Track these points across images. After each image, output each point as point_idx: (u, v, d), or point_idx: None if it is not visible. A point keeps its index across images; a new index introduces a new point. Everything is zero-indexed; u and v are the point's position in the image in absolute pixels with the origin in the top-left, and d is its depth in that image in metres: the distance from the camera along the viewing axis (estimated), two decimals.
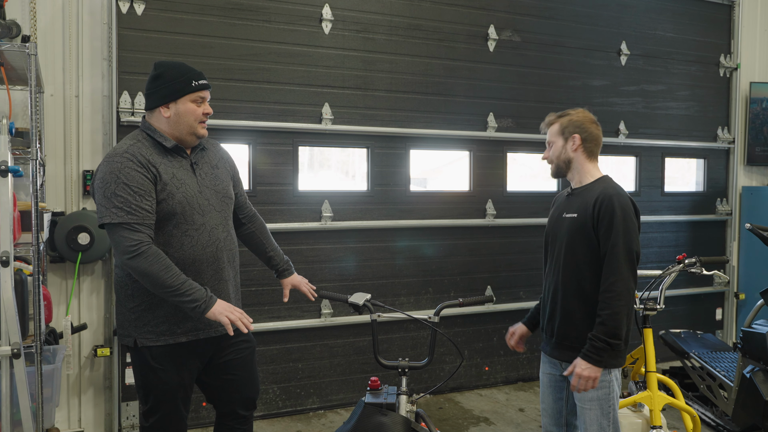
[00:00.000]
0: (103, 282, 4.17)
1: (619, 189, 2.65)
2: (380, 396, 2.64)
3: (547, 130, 2.81)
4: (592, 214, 2.59)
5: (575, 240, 2.65)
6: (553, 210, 2.92)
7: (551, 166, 2.81)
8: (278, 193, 4.56)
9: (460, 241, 5.15)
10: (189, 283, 2.42)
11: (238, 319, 2.46)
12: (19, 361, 2.76)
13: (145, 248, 2.39)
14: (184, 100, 2.56)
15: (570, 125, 2.72)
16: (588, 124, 2.74)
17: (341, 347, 4.79)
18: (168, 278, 2.39)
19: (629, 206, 2.60)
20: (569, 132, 2.72)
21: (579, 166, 2.74)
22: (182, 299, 2.41)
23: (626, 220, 2.55)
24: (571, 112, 2.77)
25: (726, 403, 4.18)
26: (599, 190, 2.63)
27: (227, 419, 2.82)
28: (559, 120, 2.76)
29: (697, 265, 3.62)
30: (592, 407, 2.59)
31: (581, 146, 2.72)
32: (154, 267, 2.38)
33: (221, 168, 2.75)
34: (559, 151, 2.75)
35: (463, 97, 5.09)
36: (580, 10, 5.52)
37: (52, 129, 4.02)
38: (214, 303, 2.45)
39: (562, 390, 2.78)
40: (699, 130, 6.14)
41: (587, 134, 2.72)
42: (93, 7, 4.08)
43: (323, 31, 4.63)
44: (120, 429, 4.18)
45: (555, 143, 2.75)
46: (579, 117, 2.74)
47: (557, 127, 2.75)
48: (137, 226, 2.41)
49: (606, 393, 2.58)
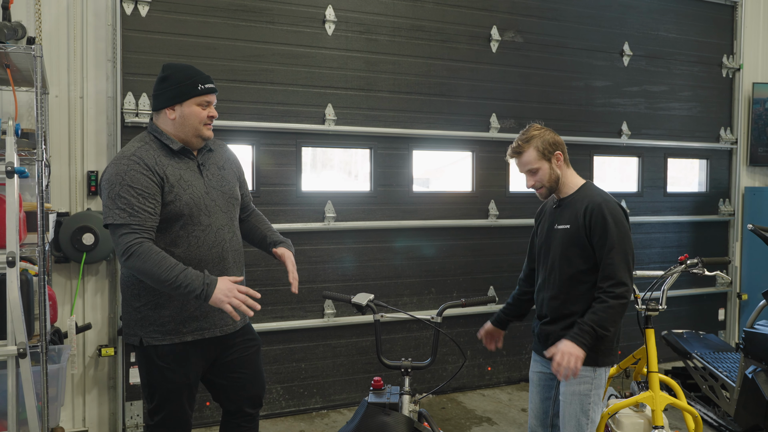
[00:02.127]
0: (107, 282, 4.19)
1: (604, 195, 2.72)
2: (383, 396, 2.66)
3: (519, 159, 2.79)
4: (584, 223, 2.66)
5: (570, 250, 2.71)
6: (541, 221, 2.96)
7: (542, 191, 2.81)
8: (281, 194, 4.57)
9: (463, 241, 5.17)
10: (184, 274, 2.39)
11: (241, 303, 2.41)
12: (25, 361, 2.78)
13: (137, 247, 2.40)
14: (190, 103, 2.58)
15: (546, 145, 2.74)
16: (556, 137, 2.78)
17: (344, 347, 4.81)
18: (161, 273, 2.38)
19: (618, 211, 2.66)
20: (549, 152, 2.74)
21: (564, 179, 2.79)
22: (181, 291, 2.40)
23: (618, 225, 2.62)
24: (533, 131, 2.77)
25: (728, 403, 4.19)
26: (587, 198, 2.70)
27: (234, 417, 2.83)
28: (530, 145, 2.75)
29: (700, 265, 3.62)
30: (573, 401, 2.66)
31: (563, 160, 2.78)
32: (147, 264, 2.39)
33: (228, 169, 2.77)
34: (548, 174, 2.76)
35: (466, 98, 5.11)
36: (582, 11, 5.52)
37: (56, 130, 4.04)
38: (215, 288, 2.40)
39: (551, 390, 2.86)
40: (701, 131, 6.14)
41: (562, 146, 2.78)
42: (97, 8, 4.10)
43: (326, 32, 4.64)
44: (124, 428, 4.20)
45: (540, 168, 2.75)
46: (547, 135, 2.76)
47: (533, 152, 2.74)
48: (137, 228, 2.43)
49: (587, 389, 2.65)
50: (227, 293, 2.41)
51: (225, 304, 2.40)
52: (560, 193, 2.81)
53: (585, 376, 2.65)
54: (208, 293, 2.40)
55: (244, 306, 2.42)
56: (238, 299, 2.42)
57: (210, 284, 2.41)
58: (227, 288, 2.42)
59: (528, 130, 2.79)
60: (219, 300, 2.40)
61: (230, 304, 2.40)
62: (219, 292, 2.40)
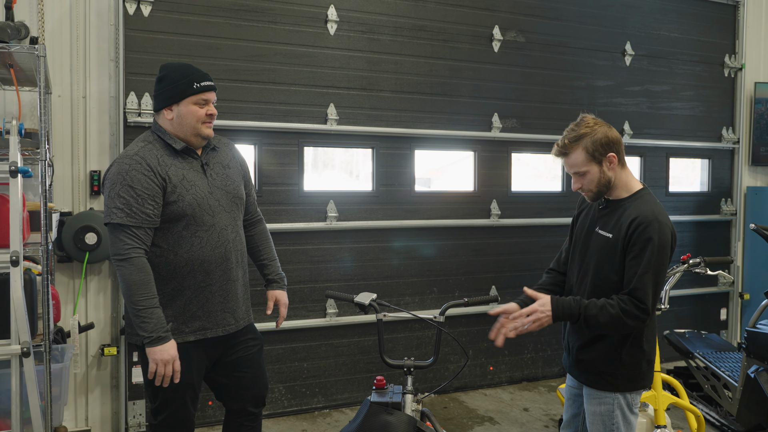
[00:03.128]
0: (109, 281, 4.20)
1: (658, 212, 2.40)
2: (386, 395, 2.66)
3: (566, 160, 2.49)
4: (626, 235, 2.38)
5: (605, 262, 2.46)
6: (582, 214, 2.69)
7: (589, 194, 2.52)
8: (284, 194, 4.58)
9: (465, 241, 5.17)
10: (153, 312, 2.42)
11: (161, 375, 2.44)
12: (29, 360, 2.79)
13: (135, 257, 2.43)
14: (186, 102, 2.57)
15: (597, 146, 2.41)
16: (611, 135, 2.44)
17: (346, 347, 4.81)
18: (139, 295, 2.41)
19: (667, 235, 2.37)
20: (601, 154, 2.42)
21: (617, 181, 2.49)
22: (138, 321, 2.42)
23: (660, 250, 2.34)
24: (584, 129, 2.45)
25: (730, 403, 4.19)
26: (638, 210, 2.39)
27: (237, 416, 2.84)
28: (579, 145, 2.43)
29: (702, 265, 3.62)
30: (595, 421, 2.53)
31: (617, 162, 2.45)
32: (134, 278, 2.41)
33: (233, 168, 2.77)
34: (599, 177, 2.45)
35: (468, 98, 5.11)
36: (584, 11, 5.52)
37: (59, 130, 4.05)
38: (162, 344, 2.43)
39: (580, 406, 2.72)
40: (703, 131, 6.13)
41: (617, 145, 2.44)
42: (100, 8, 4.11)
43: (328, 32, 4.64)
44: (127, 428, 4.21)
45: (589, 171, 2.44)
46: (599, 133, 2.43)
47: (582, 154, 2.43)
48: (134, 230, 2.44)
49: (609, 410, 2.49)
50: (163, 360, 2.44)
51: (152, 363, 2.44)
52: (611, 195, 2.52)
53: (606, 397, 2.49)
54: (155, 344, 2.42)
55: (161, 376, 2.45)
56: (164, 371, 2.45)
57: (161, 339, 2.43)
58: (168, 357, 2.45)
59: (578, 126, 2.46)
60: (153, 358, 2.43)
61: (155, 366, 2.44)
62: (159, 353, 2.43)
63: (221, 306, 2.65)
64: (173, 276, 2.56)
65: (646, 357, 2.50)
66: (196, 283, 2.58)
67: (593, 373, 2.52)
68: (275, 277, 2.95)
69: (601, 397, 2.50)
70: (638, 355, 2.48)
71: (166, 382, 2.48)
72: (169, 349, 2.45)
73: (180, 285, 2.57)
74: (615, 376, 2.47)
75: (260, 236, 2.95)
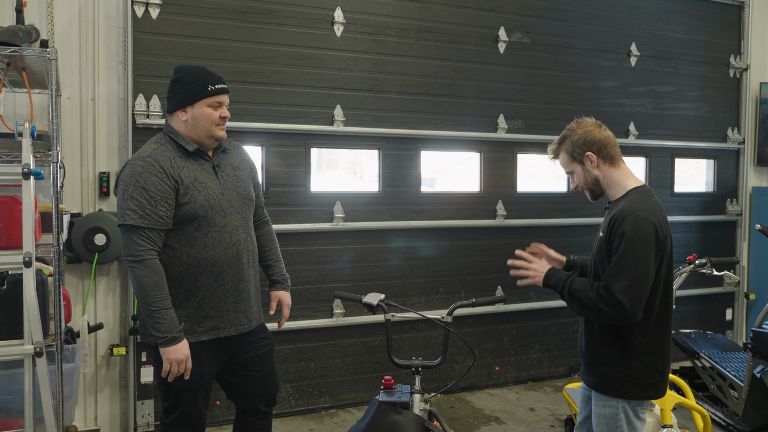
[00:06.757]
0: (119, 282, 4.23)
1: (639, 207, 2.38)
2: (394, 395, 2.69)
3: (557, 162, 2.64)
4: (608, 233, 2.42)
5: (599, 262, 2.50)
6: None
7: (586, 193, 2.62)
8: (291, 194, 4.60)
9: (471, 241, 5.18)
10: (167, 313, 2.48)
11: (175, 372, 2.51)
12: (41, 360, 2.82)
13: (149, 259, 2.47)
14: (200, 104, 2.61)
15: (575, 147, 2.52)
16: (591, 134, 2.51)
17: (353, 347, 4.83)
18: (153, 296, 2.46)
19: (647, 230, 2.33)
20: (579, 154, 2.52)
21: (608, 180, 2.53)
22: (152, 322, 2.47)
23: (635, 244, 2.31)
24: (566, 131, 2.57)
25: (736, 402, 4.20)
26: (621, 207, 2.42)
27: (248, 415, 2.87)
28: (561, 147, 2.57)
29: (708, 265, 3.63)
30: (600, 423, 2.54)
31: (599, 159, 2.51)
32: (148, 279, 2.46)
33: (243, 170, 2.81)
34: (584, 176, 2.55)
35: (474, 99, 5.13)
36: (589, 12, 5.53)
37: (68, 131, 4.08)
38: (175, 344, 2.49)
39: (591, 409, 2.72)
40: (709, 131, 6.14)
41: (598, 144, 2.50)
42: (109, 11, 4.14)
43: (335, 33, 4.67)
44: (135, 427, 4.24)
45: (574, 171, 2.56)
46: (577, 134, 2.52)
47: (565, 156, 2.56)
48: (147, 231, 2.48)
49: (613, 413, 2.49)
50: (177, 360, 2.51)
51: (167, 363, 2.51)
52: (609, 194, 2.57)
53: (611, 401, 2.49)
54: (168, 344, 2.48)
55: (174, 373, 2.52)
56: (177, 369, 2.52)
57: (175, 339, 2.49)
58: (182, 356, 2.52)
59: (565, 130, 2.58)
60: (166, 357, 2.50)
61: (169, 365, 2.51)
62: (173, 352, 2.50)
63: (234, 306, 2.68)
64: (186, 276, 2.59)
65: (659, 368, 2.46)
66: (209, 284, 2.61)
67: (602, 377, 2.52)
68: (279, 278, 3.00)
69: (606, 400, 2.51)
70: (650, 364, 2.45)
71: (182, 376, 2.54)
72: (182, 348, 2.51)
73: (193, 285, 2.60)
74: (623, 383, 2.46)
75: (266, 237, 3.00)
